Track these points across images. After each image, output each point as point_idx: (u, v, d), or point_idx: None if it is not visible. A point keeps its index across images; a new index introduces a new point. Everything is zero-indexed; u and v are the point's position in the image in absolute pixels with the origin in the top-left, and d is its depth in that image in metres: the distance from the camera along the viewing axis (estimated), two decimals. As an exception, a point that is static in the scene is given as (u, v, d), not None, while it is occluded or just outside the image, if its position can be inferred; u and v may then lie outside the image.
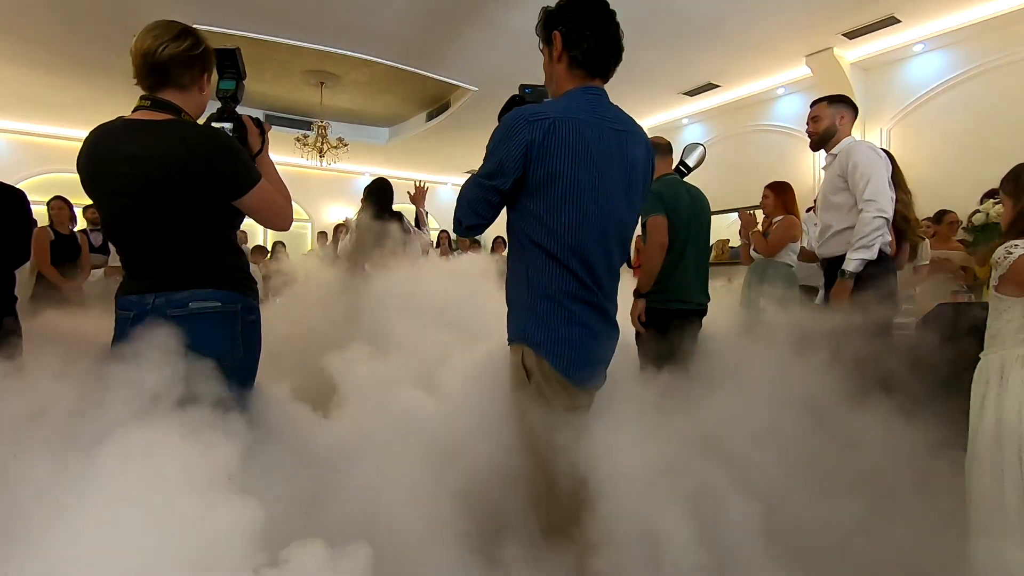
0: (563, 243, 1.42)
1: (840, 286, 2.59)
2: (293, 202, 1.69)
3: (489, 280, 2.87)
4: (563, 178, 1.39)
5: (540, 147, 1.37)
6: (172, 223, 1.39)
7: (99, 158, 1.43)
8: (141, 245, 1.43)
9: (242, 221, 1.57)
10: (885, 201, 2.51)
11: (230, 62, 1.61)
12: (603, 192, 1.43)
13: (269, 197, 1.48)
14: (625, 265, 1.67)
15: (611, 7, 1.46)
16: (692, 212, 2.94)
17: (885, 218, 2.51)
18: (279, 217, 1.52)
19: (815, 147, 2.89)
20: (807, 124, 2.89)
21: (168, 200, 1.37)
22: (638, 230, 1.89)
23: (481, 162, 1.48)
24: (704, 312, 2.95)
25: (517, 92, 1.65)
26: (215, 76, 1.60)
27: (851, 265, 2.55)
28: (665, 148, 3.06)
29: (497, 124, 1.49)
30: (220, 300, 1.43)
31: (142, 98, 1.44)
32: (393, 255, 3.30)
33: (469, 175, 1.59)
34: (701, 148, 3.50)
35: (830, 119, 2.77)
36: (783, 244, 3.64)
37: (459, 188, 1.55)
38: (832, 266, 2.73)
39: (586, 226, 1.42)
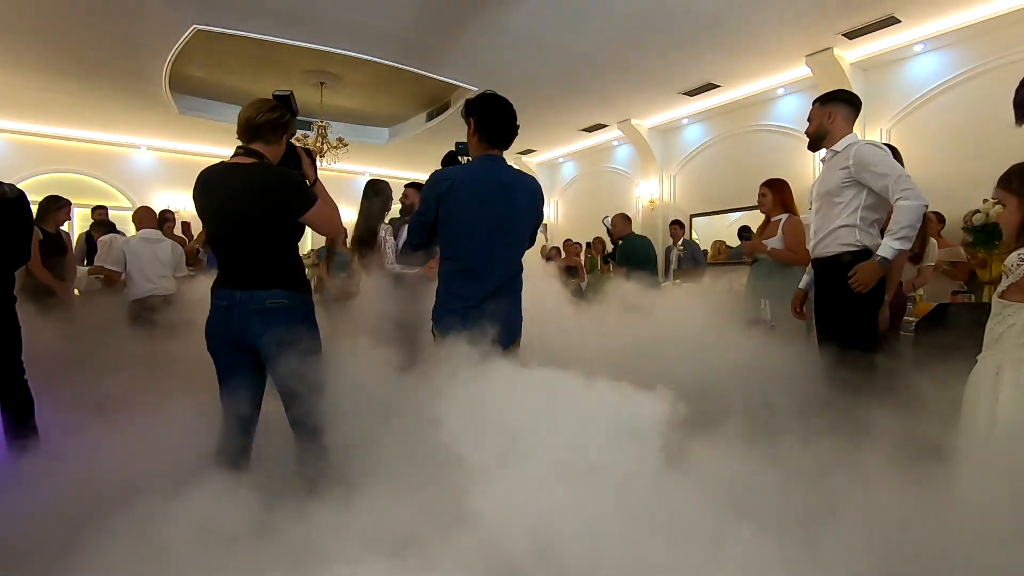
0: (460, 257, 2.22)
1: (871, 270, 2.48)
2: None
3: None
4: (458, 217, 2.18)
5: (445, 197, 2.16)
6: (257, 235, 1.97)
7: (210, 189, 2.00)
8: (235, 252, 2.00)
9: (302, 234, 2.12)
10: (920, 190, 2.42)
11: (284, 103, 2.09)
12: (487, 226, 2.19)
13: (323, 213, 2.07)
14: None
15: (507, 101, 2.24)
16: (633, 253, 5.62)
17: (926, 205, 2.43)
18: (332, 226, 2.15)
19: (810, 147, 2.84)
20: None
21: (255, 218, 1.95)
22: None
23: None
24: None
25: (453, 148, 2.56)
26: None
27: (888, 252, 2.43)
28: (624, 216, 6.03)
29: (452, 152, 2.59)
30: (286, 299, 2.00)
31: (238, 148, 2.04)
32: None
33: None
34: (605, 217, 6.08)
35: (818, 120, 2.71)
36: (804, 245, 3.49)
37: None
38: (827, 266, 2.68)
39: (475, 248, 2.20)
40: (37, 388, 2.72)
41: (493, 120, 2.23)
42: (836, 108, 2.68)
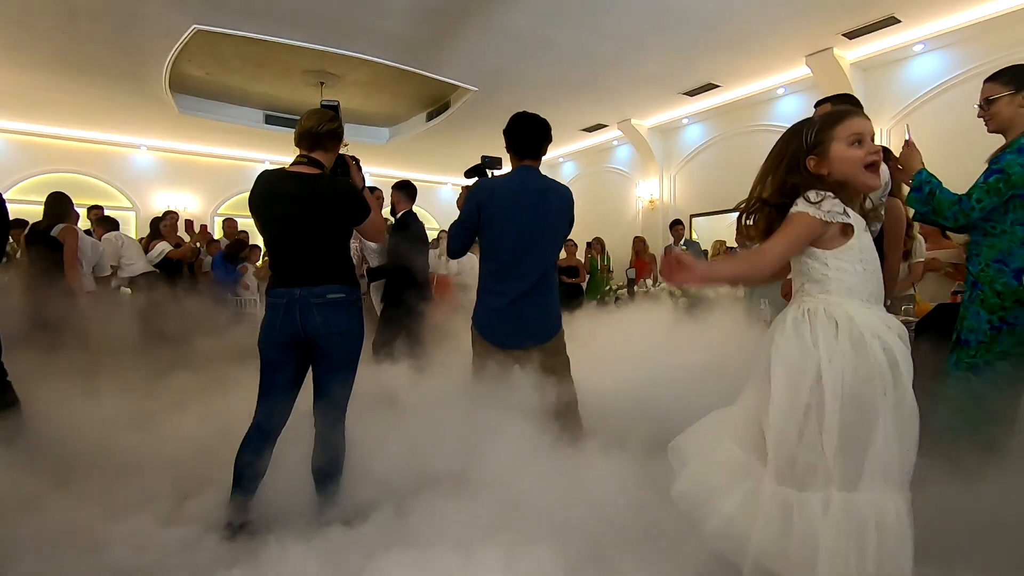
0: (497, 257, 2.48)
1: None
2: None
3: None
4: (497, 222, 2.44)
5: (485, 205, 2.44)
6: (317, 238, 2.09)
7: (268, 195, 2.10)
8: (291, 255, 2.10)
9: (351, 235, 2.25)
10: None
11: (333, 112, 2.22)
12: (522, 230, 2.43)
13: (376, 223, 2.27)
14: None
15: (538, 117, 2.53)
16: None
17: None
18: (379, 232, 2.35)
19: None
20: None
21: (318, 224, 2.08)
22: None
23: (477, 161, 2.74)
24: None
25: (480, 161, 2.76)
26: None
27: None
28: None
29: (470, 163, 2.77)
30: (344, 293, 2.13)
31: (299, 155, 2.15)
32: None
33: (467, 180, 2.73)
34: None
35: None
36: None
37: (459, 188, 2.55)
38: None
39: (511, 248, 2.44)
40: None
41: (521, 135, 2.52)
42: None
